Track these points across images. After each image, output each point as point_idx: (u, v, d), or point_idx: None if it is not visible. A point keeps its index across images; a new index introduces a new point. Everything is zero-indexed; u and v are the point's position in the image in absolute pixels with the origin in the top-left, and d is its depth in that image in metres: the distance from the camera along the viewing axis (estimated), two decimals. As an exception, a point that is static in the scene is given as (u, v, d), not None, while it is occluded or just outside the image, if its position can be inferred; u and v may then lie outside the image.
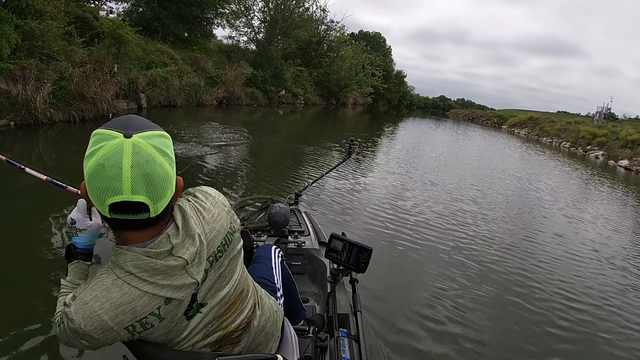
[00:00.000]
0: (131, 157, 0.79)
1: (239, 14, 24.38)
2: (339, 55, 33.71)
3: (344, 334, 1.58)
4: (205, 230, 0.97)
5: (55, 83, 8.47)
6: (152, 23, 16.32)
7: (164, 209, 0.89)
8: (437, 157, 12.50)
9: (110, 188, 0.80)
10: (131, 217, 0.84)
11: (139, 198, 0.81)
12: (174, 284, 0.91)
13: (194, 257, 0.92)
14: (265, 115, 18.64)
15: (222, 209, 1.04)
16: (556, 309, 3.57)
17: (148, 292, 0.89)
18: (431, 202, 6.49)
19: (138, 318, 0.90)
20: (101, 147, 0.80)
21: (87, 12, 12.09)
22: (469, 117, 50.79)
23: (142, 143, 0.82)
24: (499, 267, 4.27)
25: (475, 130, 31.81)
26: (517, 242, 5.21)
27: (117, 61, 10.64)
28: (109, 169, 0.79)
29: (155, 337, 0.97)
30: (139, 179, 0.80)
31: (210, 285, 1.00)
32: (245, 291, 1.13)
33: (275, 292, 1.51)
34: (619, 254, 5.45)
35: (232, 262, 1.05)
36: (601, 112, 33.03)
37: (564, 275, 4.37)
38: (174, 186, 0.90)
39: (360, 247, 1.76)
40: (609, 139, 21.94)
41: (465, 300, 3.45)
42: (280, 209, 2.58)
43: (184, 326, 0.99)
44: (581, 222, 6.96)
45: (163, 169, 0.84)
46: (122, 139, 0.80)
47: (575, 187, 11.06)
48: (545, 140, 27.90)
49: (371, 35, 51.18)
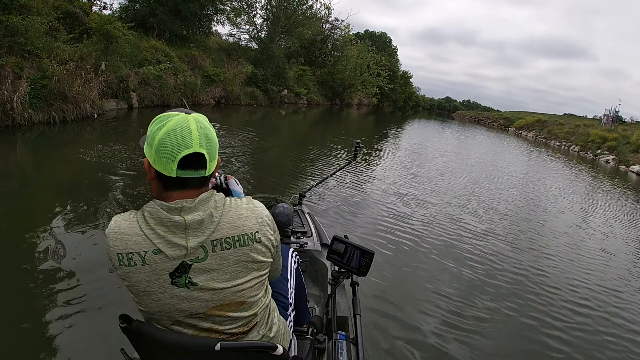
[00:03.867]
0: (196, 123, 1.02)
1: (241, 11, 23.83)
2: (344, 54, 33.05)
3: (343, 337, 1.60)
4: (221, 216, 1.05)
5: (35, 82, 7.98)
6: (147, 19, 15.78)
7: (209, 178, 1.08)
8: (443, 161, 11.97)
9: (183, 144, 0.99)
10: (192, 173, 1.02)
11: (202, 150, 1.01)
12: (168, 238, 0.99)
13: (196, 223, 1.00)
14: (265, 116, 18.08)
15: (254, 217, 1.11)
16: (562, 313, 3.59)
17: (145, 235, 1.00)
18: (437, 207, 6.33)
19: (127, 251, 1.00)
20: (170, 120, 1.02)
21: (77, 7, 11.57)
22: (475, 119, 50.32)
23: (199, 117, 1.07)
24: (504, 276, 4.18)
25: (482, 132, 31.27)
26: (526, 252, 5.03)
27: (105, 58, 10.10)
28: (180, 130, 1.00)
29: (137, 280, 1.02)
30: (203, 137, 1.02)
31: (208, 268, 1.04)
32: (246, 306, 1.12)
33: (286, 309, 1.51)
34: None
35: (240, 264, 1.07)
36: (609, 115, 32.64)
37: (573, 277, 4.44)
38: (217, 156, 1.09)
39: (363, 250, 1.76)
40: (619, 143, 21.45)
41: (468, 307, 3.40)
42: (283, 209, 2.58)
43: (166, 287, 1.02)
44: (594, 228, 6.74)
45: (214, 134, 1.08)
46: (185, 115, 1.04)
47: (588, 193, 10.43)
48: (554, 144, 27.38)
49: (377, 35, 50.56)
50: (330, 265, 2.08)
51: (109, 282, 2.89)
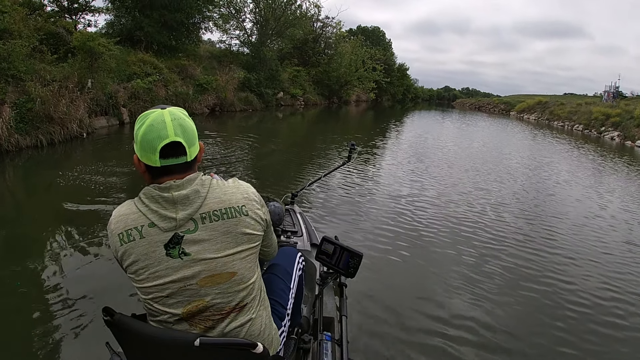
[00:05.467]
0: (170, 116, 1.13)
1: (229, 17, 23.64)
2: (337, 51, 32.77)
3: (328, 338, 1.62)
4: (208, 192, 1.16)
5: (20, 106, 7.82)
6: (134, 33, 15.61)
7: (192, 163, 1.18)
8: (443, 153, 11.66)
9: (160, 136, 1.10)
10: (174, 160, 1.14)
11: (179, 139, 1.12)
12: (160, 212, 1.11)
13: (182, 197, 1.12)
14: (262, 120, 17.88)
15: (240, 192, 1.21)
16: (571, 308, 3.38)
17: (140, 211, 1.13)
18: (432, 208, 5.89)
19: (126, 228, 1.13)
20: (148, 117, 1.13)
21: (60, 27, 11.42)
22: (476, 106, 50.06)
23: (174, 109, 1.17)
24: (503, 276, 3.90)
25: (484, 119, 30.94)
26: (531, 248, 4.67)
27: (91, 76, 9.93)
28: (156, 124, 1.11)
29: (137, 255, 1.12)
30: (178, 127, 1.13)
31: (199, 239, 1.13)
32: (237, 278, 1.18)
33: (282, 319, 1.48)
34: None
35: (229, 236, 1.16)
36: (609, 91, 32.38)
37: (587, 270, 4.20)
38: (198, 142, 1.21)
39: (351, 252, 1.79)
40: (623, 119, 21.12)
41: (460, 310, 3.22)
42: (275, 208, 2.55)
43: (162, 259, 1.12)
44: (616, 217, 6.33)
45: (190, 123, 1.18)
46: (161, 110, 1.15)
47: (601, 176, 10.11)
48: (557, 124, 27.07)
49: (370, 29, 50.24)
50: (319, 265, 2.10)
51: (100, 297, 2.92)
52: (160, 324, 1.17)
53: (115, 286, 2.90)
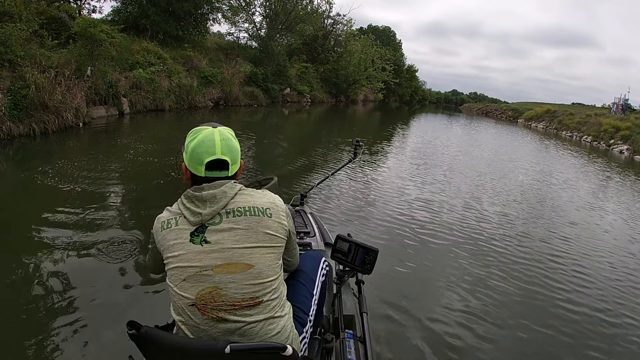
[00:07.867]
0: (219, 135, 1.29)
1: (239, 9, 23.27)
2: (347, 49, 32.35)
3: (350, 336, 1.63)
4: (235, 195, 1.28)
5: (15, 92, 7.53)
6: (140, 21, 15.27)
7: (232, 178, 1.33)
8: (451, 155, 11.48)
9: (208, 152, 1.27)
10: (217, 173, 1.29)
11: (224, 157, 1.28)
12: (191, 208, 1.25)
13: (210, 196, 1.24)
14: (267, 116, 17.53)
15: (266, 198, 1.33)
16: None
17: (179, 208, 1.28)
18: (446, 204, 6.09)
19: (167, 218, 1.29)
20: (200, 133, 1.29)
21: (62, 11, 11.09)
22: (483, 111, 49.53)
23: (223, 130, 1.33)
24: (515, 275, 3.92)
25: (493, 126, 30.48)
26: (541, 251, 4.70)
27: (91, 63, 9.61)
28: (207, 141, 1.27)
29: (169, 239, 1.26)
30: (225, 147, 1.29)
31: (220, 229, 1.23)
32: (254, 271, 1.23)
33: (303, 326, 1.47)
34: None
35: (250, 231, 1.24)
36: (618, 104, 31.81)
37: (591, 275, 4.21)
38: (240, 160, 1.37)
39: (366, 248, 1.78)
40: (633, 132, 20.63)
41: (480, 304, 3.28)
42: None
43: (185, 244, 1.23)
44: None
45: (236, 144, 1.34)
46: (212, 129, 1.31)
47: (619, 197, 9.72)
48: (565, 134, 26.58)
49: (380, 29, 49.81)
50: (334, 264, 2.09)
51: (109, 295, 2.84)
52: (179, 314, 1.24)
53: (136, 297, 2.83)
